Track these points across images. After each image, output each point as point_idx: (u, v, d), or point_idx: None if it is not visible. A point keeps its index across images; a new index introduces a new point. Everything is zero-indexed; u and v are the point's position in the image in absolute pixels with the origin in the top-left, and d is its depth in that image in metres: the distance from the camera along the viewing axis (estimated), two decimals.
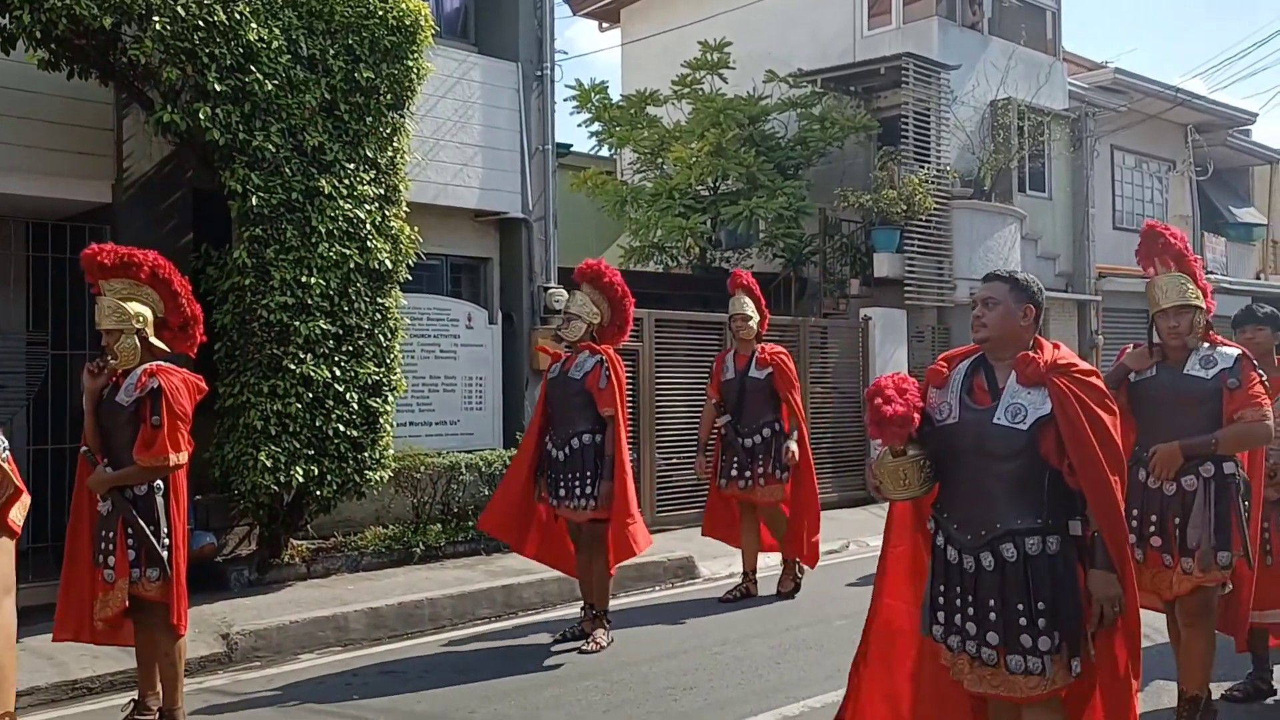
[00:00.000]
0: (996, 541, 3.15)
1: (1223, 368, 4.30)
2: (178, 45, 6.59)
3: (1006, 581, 3.13)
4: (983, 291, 3.35)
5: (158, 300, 4.71)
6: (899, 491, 3.29)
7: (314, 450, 7.20)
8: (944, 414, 3.30)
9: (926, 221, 13.39)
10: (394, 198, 7.72)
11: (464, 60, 9.68)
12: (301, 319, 7.12)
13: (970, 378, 3.35)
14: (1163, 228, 4.52)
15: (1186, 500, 4.27)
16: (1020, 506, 3.15)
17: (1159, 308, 4.44)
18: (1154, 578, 4.35)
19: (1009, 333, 3.28)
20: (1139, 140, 18.01)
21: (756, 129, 14.19)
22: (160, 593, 4.56)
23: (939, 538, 3.32)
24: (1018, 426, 3.15)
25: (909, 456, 3.22)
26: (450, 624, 6.90)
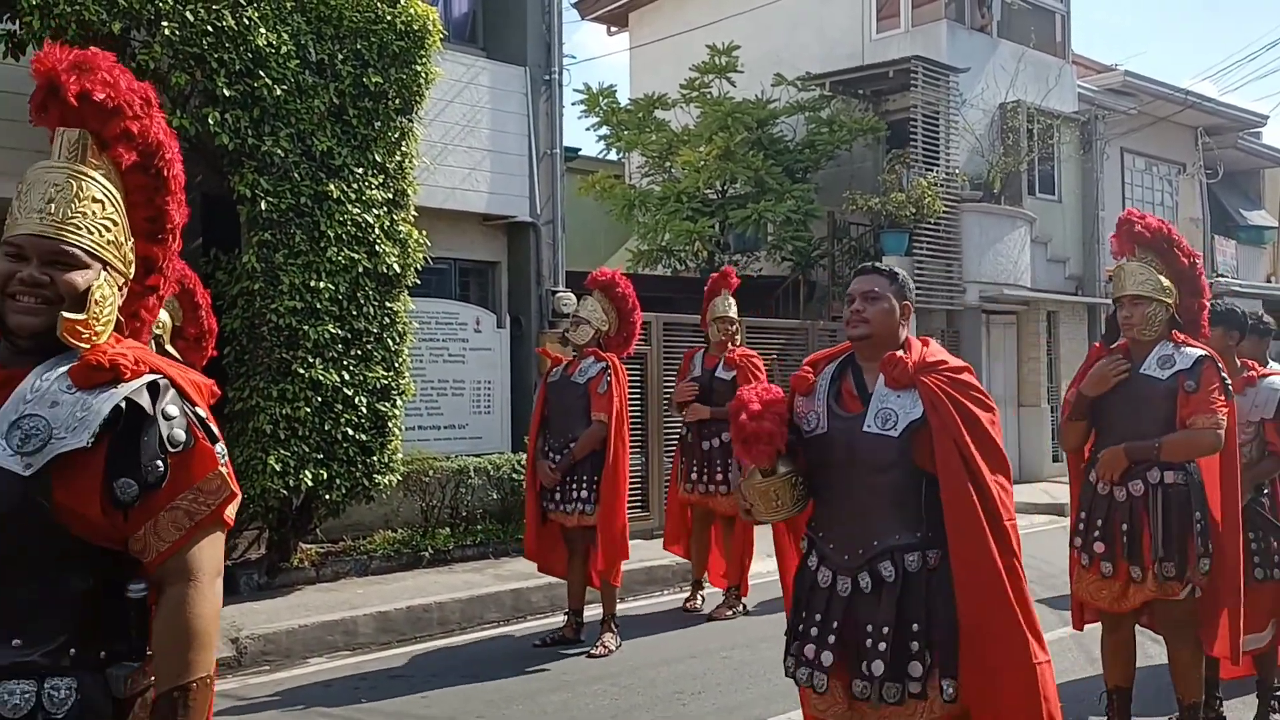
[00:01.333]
0: (875, 560, 2.86)
1: (1180, 369, 4.04)
2: (187, 50, 6.61)
3: (883, 603, 2.84)
4: (862, 284, 3.06)
5: (178, 309, 4.68)
6: (771, 513, 2.99)
7: (323, 454, 7.21)
8: (812, 424, 3.00)
9: (935, 225, 13.37)
10: (402, 202, 7.73)
11: (472, 65, 9.70)
12: (310, 323, 7.13)
13: (838, 382, 3.06)
14: (1138, 215, 4.29)
15: (1135, 506, 4.07)
16: (898, 520, 2.88)
17: (1116, 295, 4.24)
18: (1090, 585, 4.20)
19: (889, 331, 3.01)
20: (1149, 143, 17.96)
21: (765, 132, 14.18)
22: None
23: (811, 559, 3.02)
24: (888, 434, 2.87)
25: (780, 475, 2.92)
26: (459, 628, 6.90)
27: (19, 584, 1.76)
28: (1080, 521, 4.26)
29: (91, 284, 1.85)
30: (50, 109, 1.91)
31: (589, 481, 6.07)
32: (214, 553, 1.89)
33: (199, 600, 1.82)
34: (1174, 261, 4.22)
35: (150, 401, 1.83)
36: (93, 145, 1.93)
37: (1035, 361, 15.34)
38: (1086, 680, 5.31)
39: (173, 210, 2.04)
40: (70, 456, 1.75)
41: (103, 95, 1.89)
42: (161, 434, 1.82)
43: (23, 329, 1.83)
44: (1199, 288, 4.28)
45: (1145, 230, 4.21)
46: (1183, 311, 4.23)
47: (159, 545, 1.82)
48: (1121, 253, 4.28)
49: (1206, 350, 4.14)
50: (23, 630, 1.76)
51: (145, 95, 1.97)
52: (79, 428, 1.76)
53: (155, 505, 1.81)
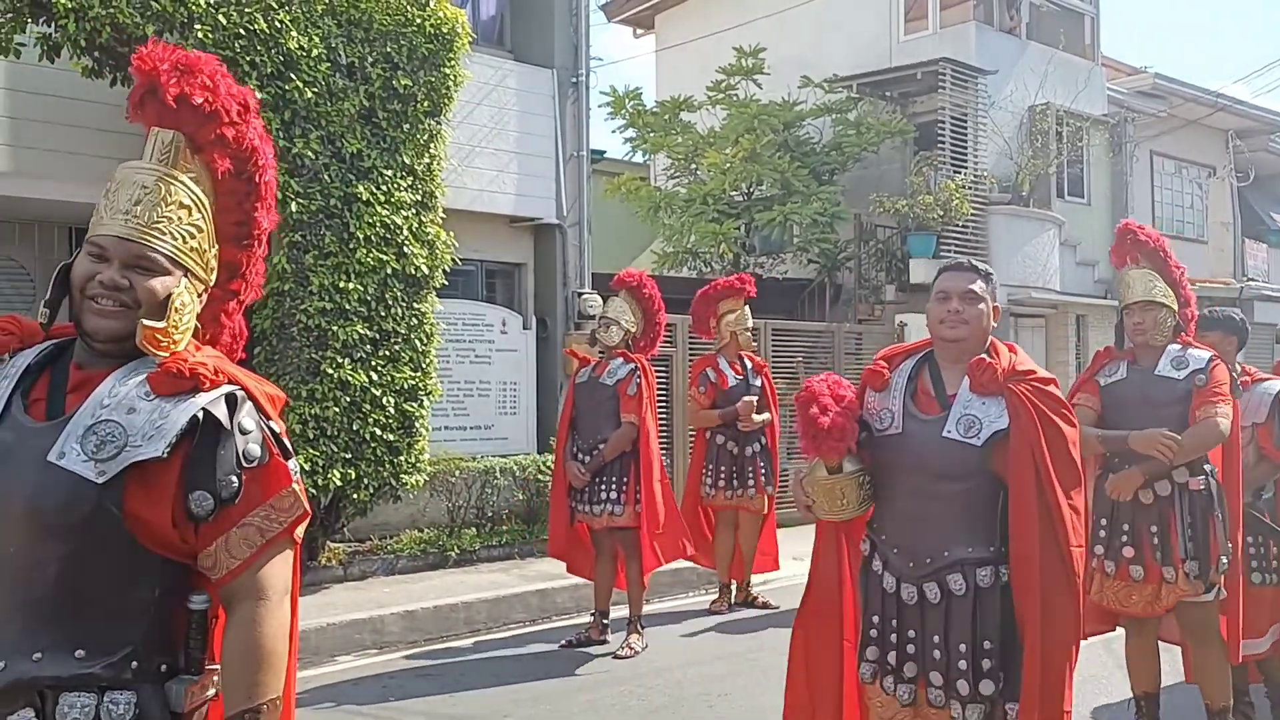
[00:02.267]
0: (943, 572, 2.76)
1: (1195, 369, 4.12)
2: (219, 53, 6.67)
3: (953, 616, 2.74)
4: (958, 281, 2.90)
5: None
6: (836, 512, 2.87)
7: (351, 454, 7.26)
8: (885, 422, 2.87)
9: (963, 227, 13.30)
10: (430, 204, 7.77)
11: (500, 67, 9.74)
12: (339, 324, 7.18)
13: (914, 381, 2.92)
14: (1136, 226, 4.40)
15: (1162, 508, 4.08)
16: (970, 532, 2.76)
17: (1125, 302, 4.31)
18: (1120, 592, 4.17)
19: (983, 334, 2.89)
20: (1179, 146, 17.80)
21: (791, 134, 14.15)
22: None
23: (874, 562, 2.90)
24: (970, 441, 2.74)
25: (847, 473, 2.80)
26: (485, 627, 6.92)
27: (86, 593, 1.72)
28: (1101, 528, 4.23)
29: (171, 291, 1.82)
30: (147, 108, 1.89)
31: (618, 482, 6.08)
32: (284, 570, 1.85)
33: (269, 619, 1.79)
34: (1168, 272, 4.32)
35: (228, 414, 1.80)
36: (186, 149, 1.90)
37: (1064, 365, 15.22)
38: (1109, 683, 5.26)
39: (261, 217, 2.03)
40: (145, 466, 1.72)
41: (201, 99, 1.87)
42: (238, 448, 1.79)
43: (99, 332, 1.80)
44: (1187, 298, 4.38)
45: (1147, 239, 4.32)
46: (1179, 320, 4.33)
47: (230, 562, 1.78)
48: (1122, 262, 4.39)
49: (1213, 351, 4.24)
50: (87, 641, 1.71)
51: (244, 101, 1.96)
52: (156, 436, 1.73)
53: (228, 521, 1.78)
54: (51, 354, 1.87)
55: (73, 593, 1.72)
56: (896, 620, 2.83)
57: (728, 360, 7.20)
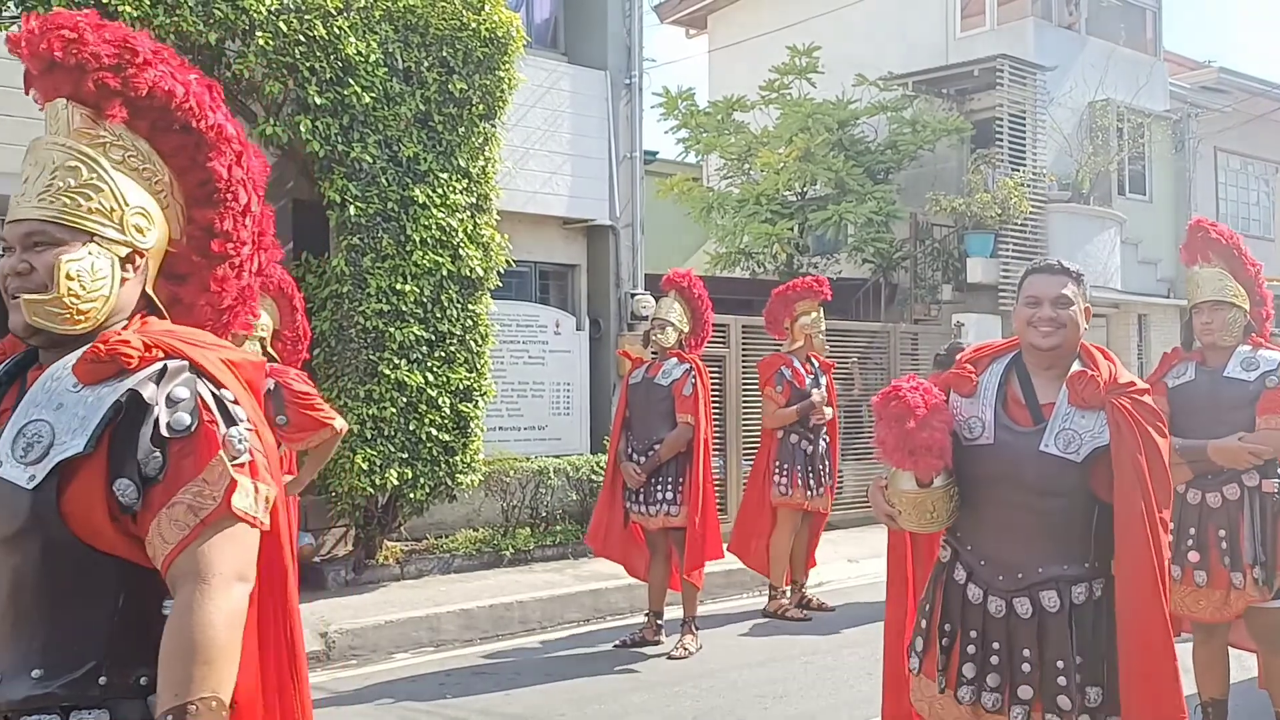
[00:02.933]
0: (1036, 588, 2.67)
1: (1266, 370, 4.01)
2: (279, 60, 6.80)
3: (1046, 633, 2.65)
4: (1050, 285, 2.77)
5: (275, 312, 4.87)
6: (924, 525, 2.75)
7: (407, 454, 7.34)
8: (975, 432, 2.74)
9: (1022, 225, 13.12)
10: (485, 206, 7.85)
11: (554, 70, 9.79)
12: (396, 325, 7.27)
13: (1004, 387, 2.80)
14: (1209, 223, 4.29)
15: (1231, 512, 3.99)
16: (1064, 548, 2.67)
17: (1194, 302, 4.22)
18: (1187, 597, 4.08)
19: (1077, 340, 2.79)
20: (1244, 141, 17.39)
21: (845, 133, 14.05)
22: None
23: (957, 571, 2.80)
24: (1069, 457, 2.63)
25: (939, 486, 2.66)
26: (540, 626, 6.97)
27: (35, 608, 1.58)
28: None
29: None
30: (34, 86, 1.71)
31: (673, 483, 6.09)
32: (231, 551, 1.61)
33: (206, 605, 1.55)
34: (1240, 270, 4.22)
35: (155, 389, 1.61)
36: (77, 113, 1.70)
37: (1126, 365, 14.94)
38: None
39: (219, 167, 1.80)
40: (73, 463, 1.56)
41: (60, 53, 1.65)
42: (161, 421, 1.60)
43: (17, 328, 1.65)
44: (1261, 297, 4.27)
45: (1220, 237, 4.22)
46: (1250, 320, 4.22)
47: (164, 547, 1.58)
48: (1193, 260, 4.28)
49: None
50: (43, 659, 1.57)
51: (127, 44, 1.73)
52: (79, 430, 1.57)
53: (156, 502, 1.59)
54: (24, 360, 1.75)
55: (23, 609, 1.59)
56: (979, 632, 2.73)
57: (799, 361, 7.21)
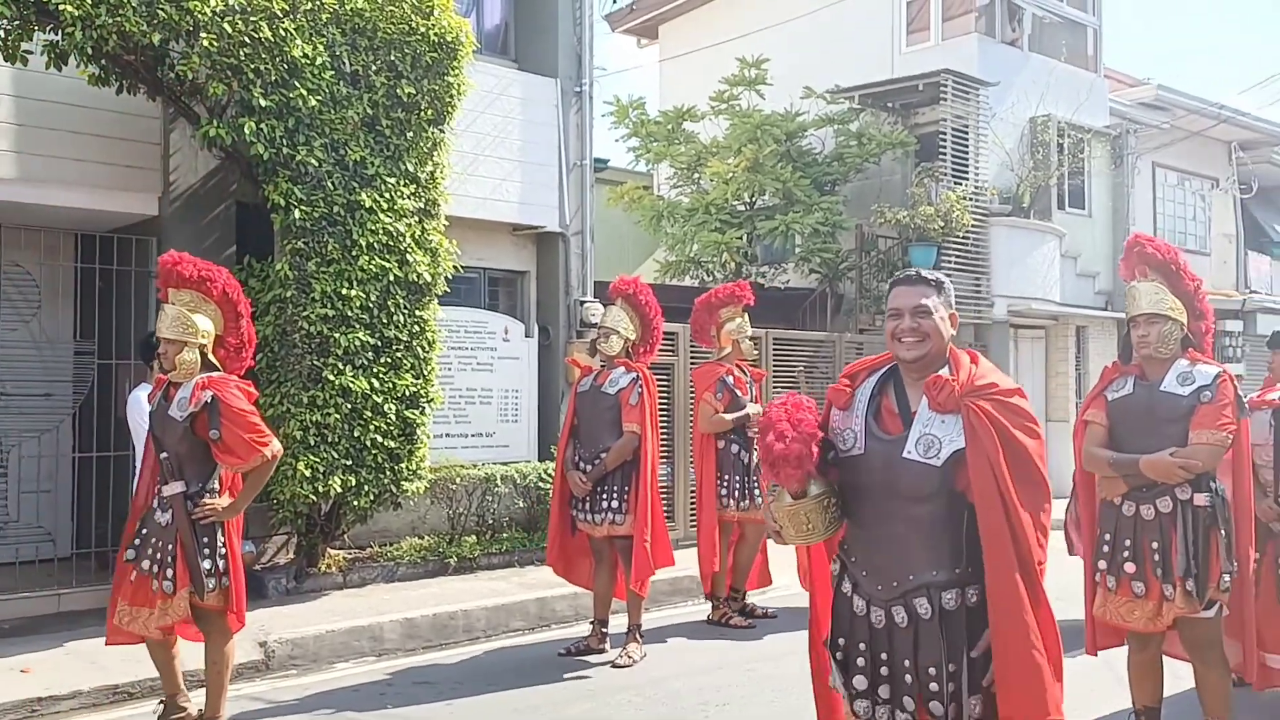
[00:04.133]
0: (910, 595, 2.69)
1: (1200, 385, 4.09)
2: (224, 61, 6.71)
3: (920, 641, 2.68)
4: (910, 296, 2.80)
5: (220, 318, 4.71)
6: (802, 537, 2.78)
7: (351, 461, 7.27)
8: (848, 443, 2.79)
9: (964, 238, 13.33)
10: (433, 211, 7.80)
11: (504, 76, 9.78)
12: (341, 331, 7.21)
13: (878, 398, 2.84)
14: (1146, 238, 4.38)
15: (1164, 524, 4.07)
16: (935, 554, 2.68)
17: (1131, 315, 4.29)
18: (1122, 608, 4.17)
19: (943, 347, 2.81)
20: (1182, 158, 17.82)
21: (793, 145, 14.19)
22: (218, 600, 4.57)
23: (844, 584, 2.85)
24: (930, 462, 2.66)
25: (811, 497, 2.71)
26: (484, 635, 6.93)
27: None
28: (1105, 544, 4.24)
29: None
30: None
31: (619, 491, 6.10)
32: None
33: None
34: (1179, 284, 4.30)
35: None
36: None
37: (1064, 376, 15.23)
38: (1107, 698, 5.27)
39: None
40: None
41: None
42: None
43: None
44: (1201, 311, 4.35)
45: (1156, 252, 4.29)
46: (1189, 334, 4.29)
47: None
48: (1131, 275, 4.36)
49: (1223, 367, 4.20)
50: None
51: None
52: None
53: None
54: None
55: None
56: (867, 644, 2.77)
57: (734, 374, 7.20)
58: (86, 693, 5.41)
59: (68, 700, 5.32)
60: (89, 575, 7.15)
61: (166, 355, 4.58)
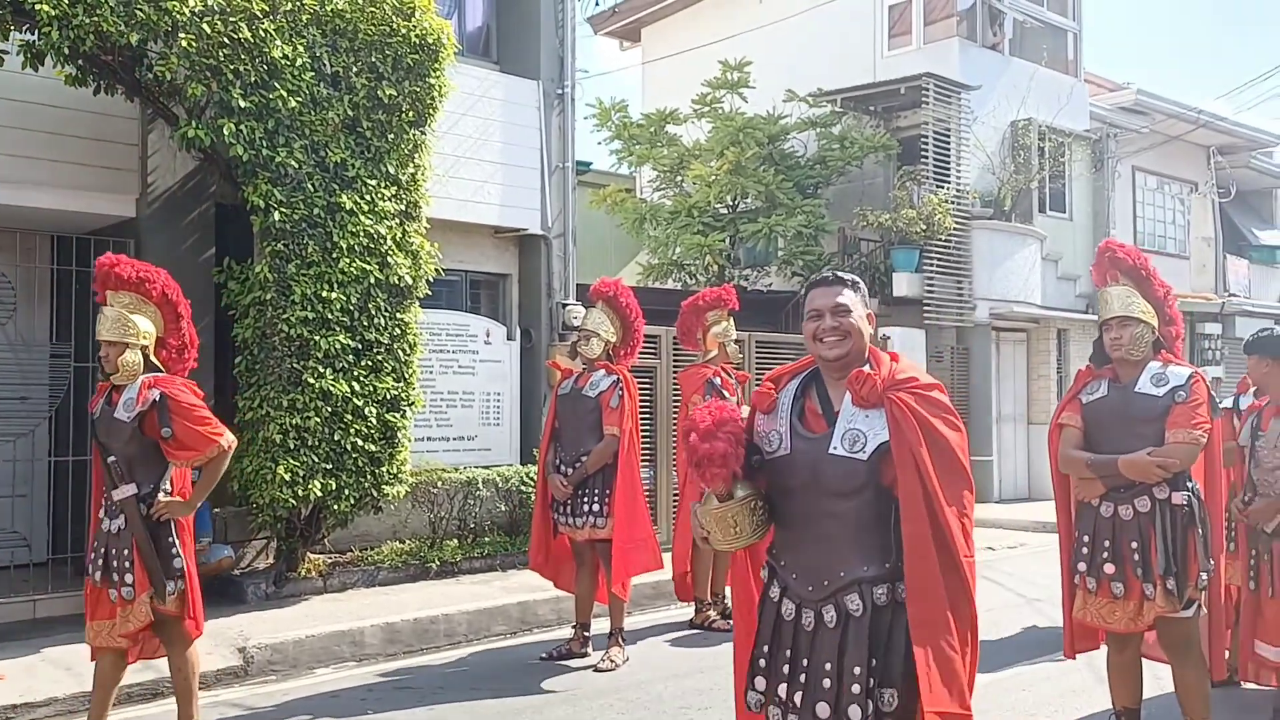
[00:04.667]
0: (841, 593, 2.67)
1: (1175, 385, 4.13)
2: (203, 62, 6.66)
3: (848, 639, 2.65)
4: (828, 297, 2.82)
5: (160, 319, 4.61)
6: (730, 541, 2.75)
7: (332, 464, 7.23)
8: (774, 444, 2.79)
9: (946, 241, 13.38)
10: (415, 214, 7.77)
11: (485, 78, 9.75)
12: (321, 333, 7.16)
13: (801, 400, 2.84)
14: (1117, 244, 4.44)
15: (1142, 524, 4.11)
16: (864, 550, 2.67)
17: (1103, 318, 4.35)
18: (1103, 609, 4.20)
19: (862, 345, 2.81)
20: (1161, 162, 17.95)
21: (776, 148, 14.22)
22: (176, 605, 4.50)
23: (773, 589, 2.82)
24: (856, 456, 2.67)
25: (738, 499, 2.70)
26: (466, 640, 6.89)
27: None
28: (1084, 545, 4.26)
29: None
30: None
31: (600, 495, 6.07)
32: None
33: None
34: (1149, 290, 4.35)
35: None
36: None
37: (1045, 379, 15.31)
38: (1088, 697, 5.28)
39: None
40: None
41: None
42: None
43: None
44: (1171, 316, 4.41)
45: (1126, 257, 4.36)
46: (1160, 337, 4.34)
47: None
48: (1103, 280, 4.42)
49: (1195, 369, 4.26)
50: None
51: None
52: None
53: None
54: None
55: None
56: (791, 649, 2.74)
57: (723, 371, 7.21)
58: (63, 699, 5.34)
59: (44, 707, 5.26)
60: (65, 581, 7.08)
61: (108, 358, 4.47)
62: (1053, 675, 5.84)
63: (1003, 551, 10.64)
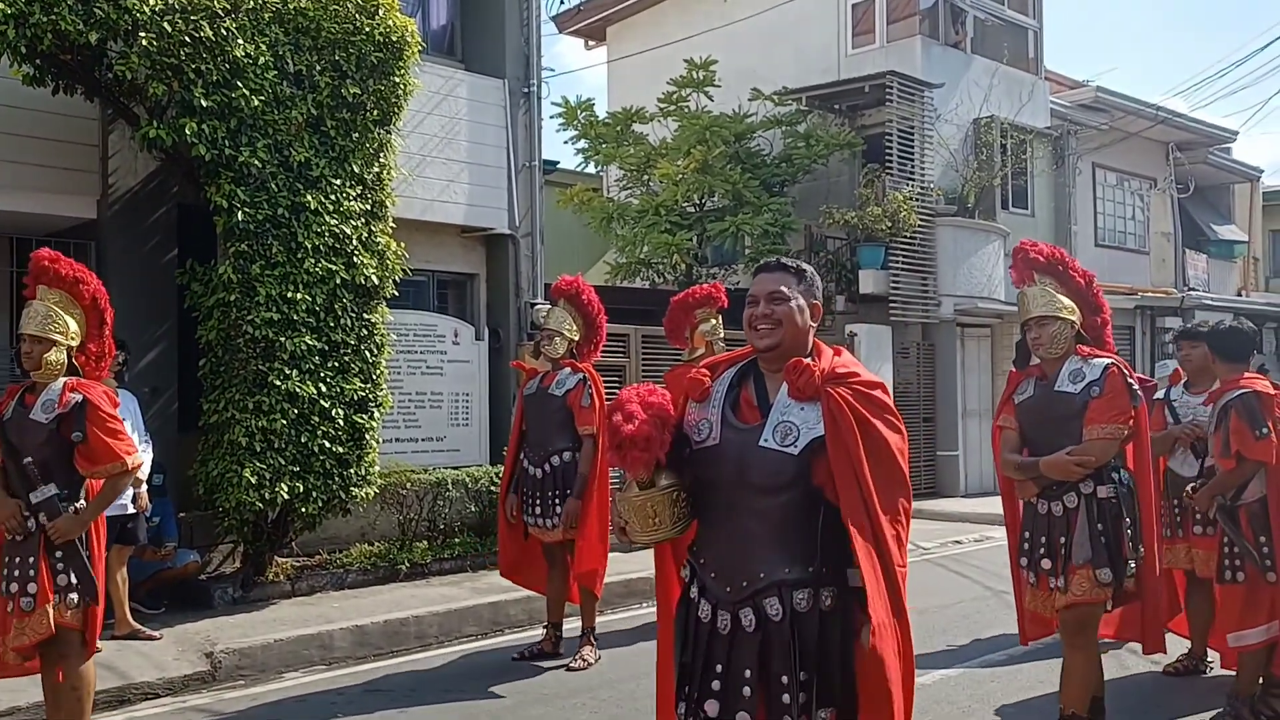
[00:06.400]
0: (760, 595, 2.51)
1: (1090, 380, 4.17)
2: (164, 61, 6.58)
3: (769, 646, 2.50)
4: (767, 283, 2.65)
5: (85, 323, 4.47)
6: (648, 533, 2.60)
7: (299, 467, 7.16)
8: (703, 434, 2.63)
9: (911, 239, 13.48)
10: (380, 213, 7.71)
11: (451, 77, 9.71)
12: (287, 335, 7.09)
13: (736, 390, 2.69)
14: (1030, 244, 4.47)
15: (1069, 519, 4.17)
16: (787, 551, 2.51)
17: (1023, 319, 4.40)
18: (1044, 601, 4.28)
19: (799, 336, 2.64)
20: (1120, 158, 18.18)
21: (742, 146, 14.25)
22: (77, 618, 4.22)
23: (692, 589, 2.68)
24: (787, 450, 2.51)
25: (659, 488, 2.56)
26: (436, 642, 6.86)
27: None
28: (1024, 541, 4.36)
29: None
30: None
31: (566, 495, 6.04)
32: None
33: None
34: (1070, 282, 4.40)
35: None
36: None
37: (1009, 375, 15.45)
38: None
39: None
40: None
41: None
42: None
43: None
44: (1097, 305, 4.47)
45: (1039, 255, 4.40)
46: (1086, 329, 4.40)
47: None
48: (1021, 280, 4.46)
49: (1113, 359, 4.29)
50: None
51: None
52: None
53: None
54: None
55: None
56: (708, 654, 2.60)
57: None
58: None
59: None
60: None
61: (31, 355, 4.31)
62: (1022, 666, 5.90)
63: (970, 545, 10.73)
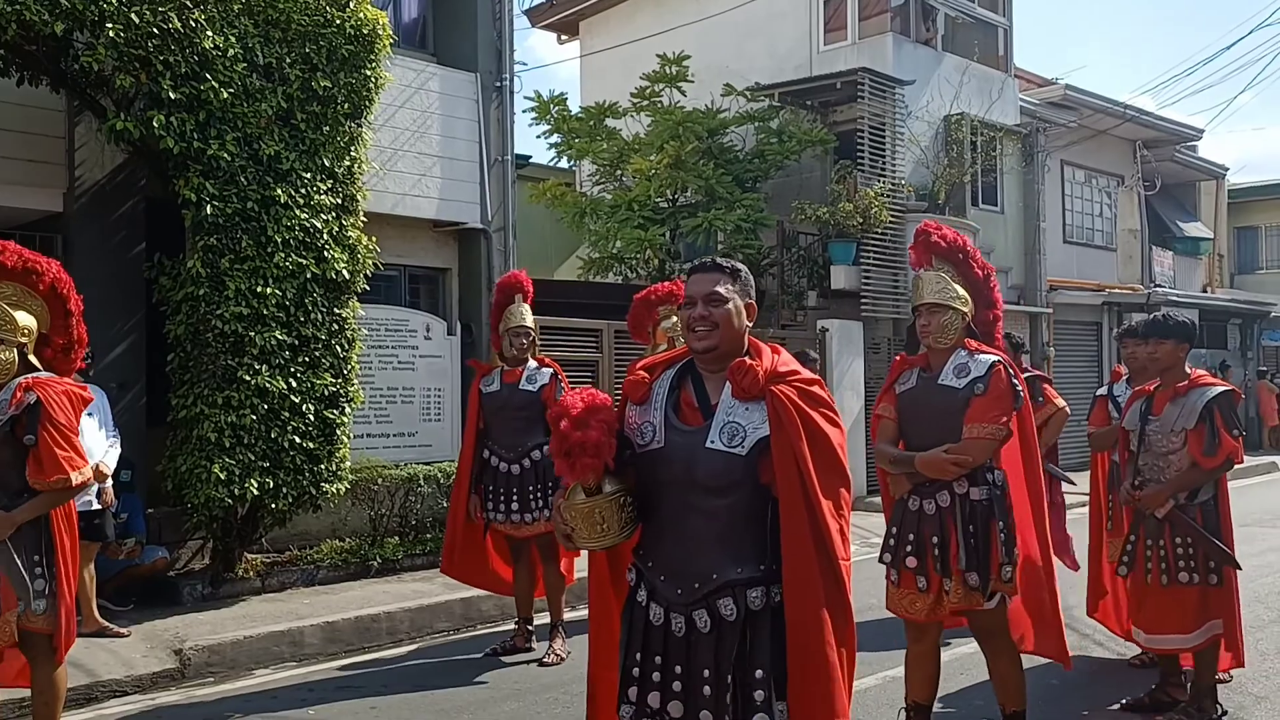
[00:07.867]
0: (713, 596, 2.53)
1: (975, 377, 4.03)
2: (131, 53, 6.51)
3: (724, 646, 2.52)
4: (702, 284, 2.65)
5: (46, 315, 4.18)
6: (596, 539, 2.59)
7: (269, 462, 7.11)
8: (647, 436, 2.63)
9: (882, 234, 13.55)
10: (351, 207, 7.67)
11: (422, 70, 9.66)
12: (257, 329, 7.04)
13: (676, 391, 2.70)
14: (934, 226, 4.33)
15: (943, 518, 4.03)
16: (738, 551, 2.53)
17: (915, 304, 4.26)
18: (905, 600, 4.16)
19: (736, 337, 2.65)
20: (1089, 156, 18.36)
21: (715, 142, 14.28)
22: (45, 622, 4.03)
23: (640, 592, 2.67)
24: (735, 451, 2.53)
25: (606, 494, 2.55)
26: (408, 637, 6.84)
27: None
28: (891, 537, 4.21)
29: None
30: None
31: (544, 490, 6.02)
32: None
33: None
34: (969, 273, 4.28)
35: None
36: None
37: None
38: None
39: None
40: None
41: None
42: None
43: None
44: (992, 300, 4.35)
45: (941, 241, 4.26)
46: (978, 323, 4.27)
47: None
48: (919, 263, 4.32)
49: (1000, 356, 4.15)
50: None
51: None
52: None
53: None
54: None
55: None
56: (662, 656, 2.60)
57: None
58: None
59: None
60: None
61: None
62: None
63: None
